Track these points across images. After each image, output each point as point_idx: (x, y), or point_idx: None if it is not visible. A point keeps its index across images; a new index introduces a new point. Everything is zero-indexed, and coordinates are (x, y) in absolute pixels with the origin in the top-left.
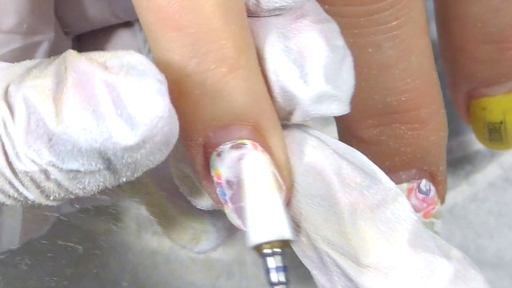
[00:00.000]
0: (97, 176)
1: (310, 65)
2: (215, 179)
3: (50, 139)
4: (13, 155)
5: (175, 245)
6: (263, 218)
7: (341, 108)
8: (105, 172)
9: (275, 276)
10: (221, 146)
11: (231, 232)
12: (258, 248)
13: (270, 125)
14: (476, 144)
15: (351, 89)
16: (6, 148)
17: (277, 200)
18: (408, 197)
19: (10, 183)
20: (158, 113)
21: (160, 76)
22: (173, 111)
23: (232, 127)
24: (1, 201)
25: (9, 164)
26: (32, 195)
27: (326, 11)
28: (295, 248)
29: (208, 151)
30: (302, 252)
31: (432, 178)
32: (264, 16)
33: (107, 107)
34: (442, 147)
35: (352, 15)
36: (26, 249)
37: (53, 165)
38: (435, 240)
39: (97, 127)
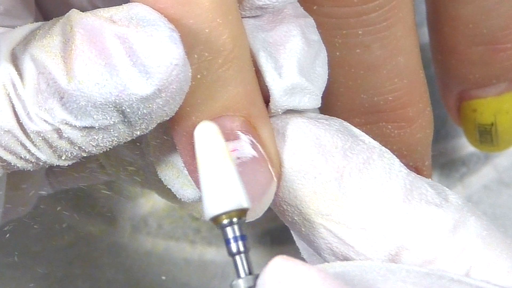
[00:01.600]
0: (111, 131)
1: (285, 57)
2: None
3: (61, 97)
4: (25, 116)
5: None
6: (218, 188)
7: (312, 101)
8: (120, 126)
9: (234, 246)
10: None
11: None
12: (215, 219)
13: (261, 116)
14: (470, 147)
15: (324, 83)
16: (16, 110)
17: (232, 170)
18: None
19: (22, 144)
20: (173, 61)
21: (171, 25)
22: (187, 59)
23: (225, 118)
24: (12, 164)
25: (20, 125)
26: (44, 155)
27: (314, 11)
28: (292, 231)
29: None
30: (299, 233)
31: (418, 173)
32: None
33: (120, 60)
34: (428, 144)
35: (341, 16)
36: (21, 249)
37: (66, 123)
38: (434, 187)
39: (111, 80)
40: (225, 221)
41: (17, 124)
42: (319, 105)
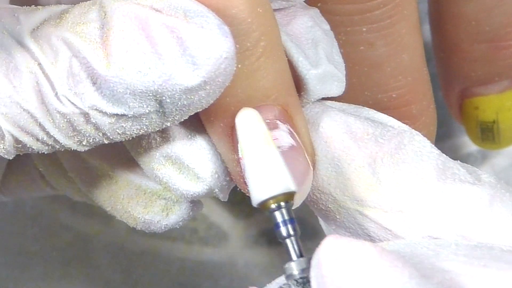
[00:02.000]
0: (143, 120)
1: (310, 47)
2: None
3: (94, 83)
4: (52, 96)
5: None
6: (265, 173)
7: (339, 88)
8: (153, 116)
9: (284, 230)
10: None
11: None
12: (263, 204)
13: (295, 105)
14: (468, 147)
15: (344, 69)
16: (42, 89)
17: (276, 154)
18: None
19: (41, 126)
20: (223, 54)
21: (219, 18)
22: (235, 53)
23: (264, 107)
24: (28, 145)
25: (43, 105)
26: (64, 138)
27: (319, 9)
28: (324, 221)
29: (236, 132)
30: (333, 221)
31: None
32: None
33: (167, 49)
34: (431, 141)
35: (345, 13)
36: (16, 250)
37: (96, 109)
38: (465, 167)
39: (156, 69)
40: (273, 206)
41: (39, 103)
42: (342, 92)
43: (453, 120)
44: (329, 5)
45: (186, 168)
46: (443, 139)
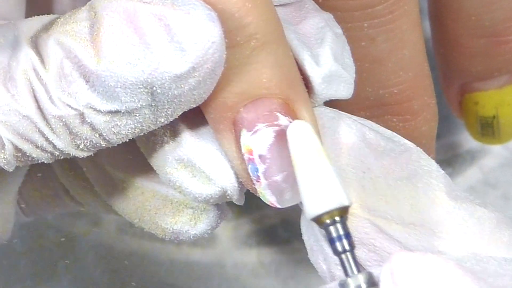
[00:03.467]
0: (136, 116)
1: (318, 47)
2: (246, 156)
3: (87, 81)
4: (47, 100)
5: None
6: (318, 187)
7: (347, 90)
8: (146, 111)
9: (339, 245)
10: (258, 125)
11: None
12: (318, 219)
13: (300, 99)
14: (457, 148)
15: (354, 73)
16: (37, 94)
17: (329, 168)
18: None
19: (40, 131)
20: (211, 38)
21: (207, 5)
22: (223, 38)
23: (262, 100)
24: (28, 154)
25: (40, 110)
26: (62, 143)
27: (320, 4)
28: (303, 225)
29: (238, 128)
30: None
31: None
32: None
33: (155, 37)
34: (432, 137)
35: (347, 9)
36: (4, 250)
37: (91, 107)
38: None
39: (144, 59)
40: (328, 221)
41: (36, 109)
42: (350, 96)
43: (442, 124)
44: (331, 1)
45: (198, 170)
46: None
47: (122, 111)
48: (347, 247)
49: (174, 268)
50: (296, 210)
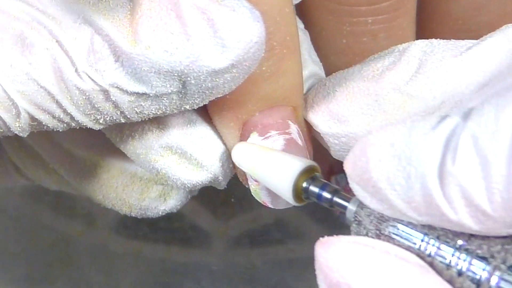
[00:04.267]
0: (163, 99)
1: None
2: None
3: (116, 60)
4: (72, 72)
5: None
6: (278, 170)
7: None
8: (174, 97)
9: (327, 195)
10: (271, 131)
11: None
12: (296, 190)
13: (302, 104)
14: None
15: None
16: (59, 65)
17: (278, 152)
18: None
19: (58, 103)
20: (254, 38)
21: (251, 4)
22: (265, 39)
23: (278, 108)
24: (43, 123)
25: (61, 81)
26: (81, 115)
27: None
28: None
29: (249, 130)
30: None
31: None
32: None
33: (197, 30)
34: None
35: (354, 4)
36: (0, 251)
37: (117, 87)
38: None
39: (183, 49)
40: (305, 184)
41: (55, 80)
42: None
43: None
44: None
45: (188, 157)
46: None
47: (151, 94)
48: (329, 196)
49: (168, 267)
50: (290, 211)
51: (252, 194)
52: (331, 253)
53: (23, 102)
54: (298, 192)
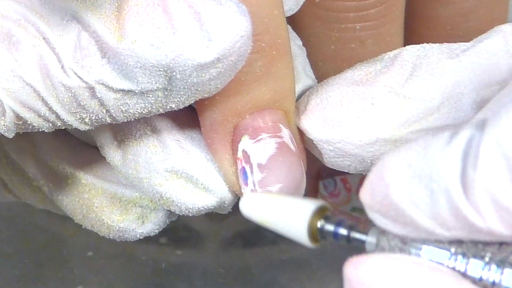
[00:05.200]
0: (148, 97)
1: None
2: (242, 160)
3: (103, 56)
4: (59, 69)
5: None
6: (290, 213)
7: None
8: (159, 94)
9: (343, 231)
10: (262, 134)
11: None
12: (312, 232)
13: (293, 109)
14: None
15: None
16: (45, 62)
17: (287, 197)
18: None
19: (43, 100)
20: (240, 32)
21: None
22: (251, 33)
23: (269, 110)
24: (29, 122)
25: (47, 78)
26: (67, 114)
27: (316, 4)
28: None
29: (240, 133)
30: None
31: None
32: None
33: (183, 23)
34: None
35: (342, 10)
36: None
37: (103, 83)
38: None
39: (169, 43)
40: (319, 224)
41: (42, 77)
42: None
43: None
44: (327, 1)
45: (194, 181)
46: None
47: (136, 91)
48: (345, 232)
49: (160, 268)
50: None
51: None
52: (362, 270)
53: (8, 99)
54: (313, 233)
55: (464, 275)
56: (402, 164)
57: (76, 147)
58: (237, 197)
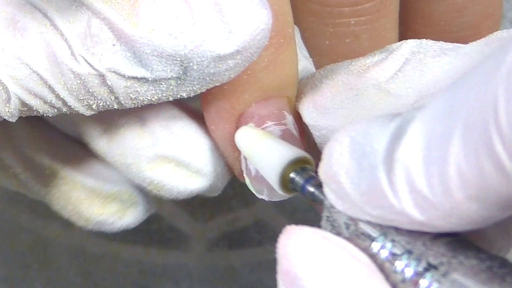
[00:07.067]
0: (160, 85)
1: None
2: None
3: (114, 44)
4: (68, 55)
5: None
6: (271, 154)
7: None
8: (172, 82)
9: (310, 187)
10: (268, 122)
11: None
12: (284, 180)
13: (295, 95)
14: None
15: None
16: (54, 49)
17: (274, 137)
18: None
19: (50, 88)
20: (261, 25)
21: None
22: (271, 27)
23: (274, 99)
24: (34, 108)
25: (53, 66)
26: (74, 100)
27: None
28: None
29: (245, 121)
30: None
31: None
32: None
33: (204, 14)
34: None
35: (336, 5)
36: None
37: (114, 71)
38: None
39: (188, 33)
40: (292, 175)
41: (48, 64)
42: None
43: None
44: None
45: (185, 165)
46: None
47: (149, 79)
48: (312, 189)
49: (146, 269)
50: (269, 213)
51: (248, 185)
52: (290, 241)
53: (14, 87)
54: (285, 181)
55: (383, 265)
56: (347, 137)
57: (56, 139)
58: (228, 180)
